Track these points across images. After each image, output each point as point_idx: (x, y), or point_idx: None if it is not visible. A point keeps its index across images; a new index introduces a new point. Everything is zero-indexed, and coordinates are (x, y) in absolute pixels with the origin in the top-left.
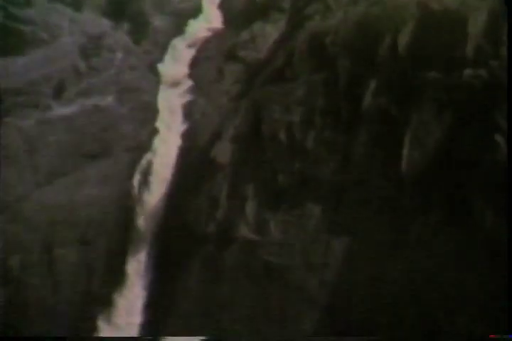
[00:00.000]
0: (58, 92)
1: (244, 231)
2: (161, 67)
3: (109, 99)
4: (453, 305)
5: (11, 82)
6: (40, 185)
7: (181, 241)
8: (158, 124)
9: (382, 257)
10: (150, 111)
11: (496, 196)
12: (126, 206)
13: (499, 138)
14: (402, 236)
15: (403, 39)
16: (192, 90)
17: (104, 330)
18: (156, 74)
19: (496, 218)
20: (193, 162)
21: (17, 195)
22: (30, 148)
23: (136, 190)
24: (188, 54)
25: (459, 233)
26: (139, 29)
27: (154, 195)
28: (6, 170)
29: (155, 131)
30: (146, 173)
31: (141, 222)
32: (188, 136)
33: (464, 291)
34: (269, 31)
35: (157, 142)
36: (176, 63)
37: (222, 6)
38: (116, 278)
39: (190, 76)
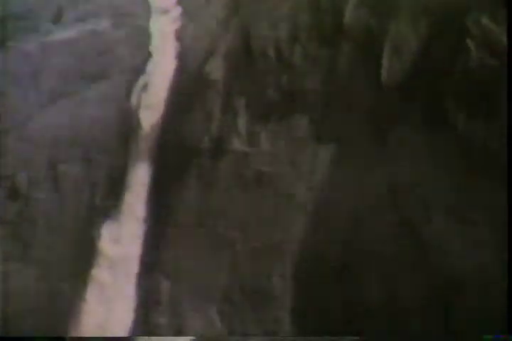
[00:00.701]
0: (57, 18)
1: (237, 144)
2: None
3: (105, 24)
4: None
5: (12, 8)
6: (44, 106)
7: (178, 155)
8: (152, 48)
9: (366, 164)
10: (145, 36)
11: (468, 101)
12: (126, 125)
13: (470, 43)
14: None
15: None
16: (182, 16)
17: (106, 241)
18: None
19: (468, 121)
20: (187, 81)
21: (22, 115)
22: (33, 70)
23: (134, 110)
24: None
25: (435, 138)
26: None
27: (152, 113)
28: (11, 92)
29: (150, 55)
30: (143, 94)
31: (141, 139)
32: (181, 58)
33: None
34: None
35: (152, 64)
36: None
37: None
38: (117, 191)
39: (179, 3)
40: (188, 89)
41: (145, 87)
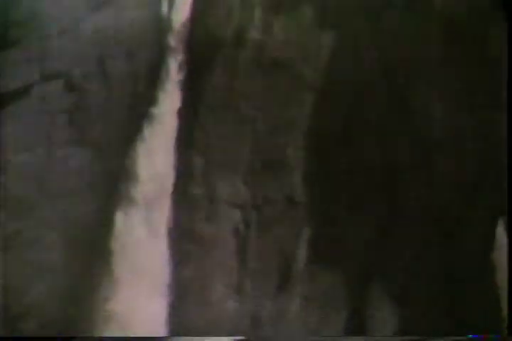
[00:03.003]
0: None
1: (254, 34)
2: None
3: None
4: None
5: None
6: (92, 11)
7: (206, 47)
8: None
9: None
10: None
11: None
12: (161, 23)
13: None
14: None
15: None
16: None
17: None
18: None
19: None
20: None
21: (75, 19)
22: None
23: (166, 11)
24: None
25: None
26: None
27: (181, 12)
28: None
29: None
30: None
31: (173, 35)
32: None
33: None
34: None
35: None
36: None
37: None
38: (156, 81)
39: None
40: None
41: None
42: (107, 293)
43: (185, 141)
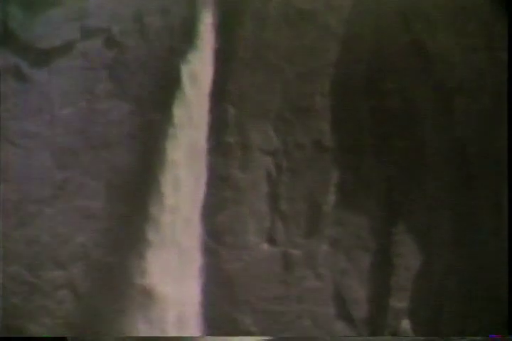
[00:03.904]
0: None
1: None
2: None
3: None
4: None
5: None
6: None
7: (235, 2)
8: None
9: None
10: None
11: None
12: None
13: None
14: None
15: None
16: None
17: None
18: None
19: None
20: None
21: None
22: None
23: None
24: None
25: None
26: None
27: None
28: None
29: None
30: None
31: None
32: None
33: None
34: None
35: None
36: None
37: None
38: (190, 36)
39: None
40: None
41: None
42: (148, 237)
43: (219, 93)
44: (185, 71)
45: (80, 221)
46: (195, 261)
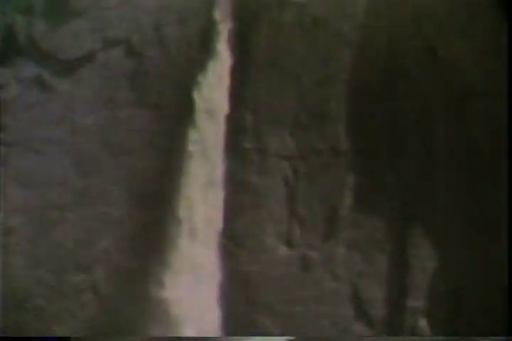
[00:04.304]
0: None
1: None
2: None
3: None
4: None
5: None
6: None
7: (251, 11)
8: None
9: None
10: None
11: None
12: None
13: None
14: None
15: None
16: None
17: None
18: None
19: None
20: None
21: None
22: None
23: None
24: None
25: None
26: None
27: None
28: None
29: None
30: None
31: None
32: None
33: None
34: None
35: None
36: None
37: None
38: (208, 45)
39: None
40: None
41: None
42: (169, 241)
43: (237, 99)
44: (202, 79)
45: (102, 226)
46: (213, 263)
